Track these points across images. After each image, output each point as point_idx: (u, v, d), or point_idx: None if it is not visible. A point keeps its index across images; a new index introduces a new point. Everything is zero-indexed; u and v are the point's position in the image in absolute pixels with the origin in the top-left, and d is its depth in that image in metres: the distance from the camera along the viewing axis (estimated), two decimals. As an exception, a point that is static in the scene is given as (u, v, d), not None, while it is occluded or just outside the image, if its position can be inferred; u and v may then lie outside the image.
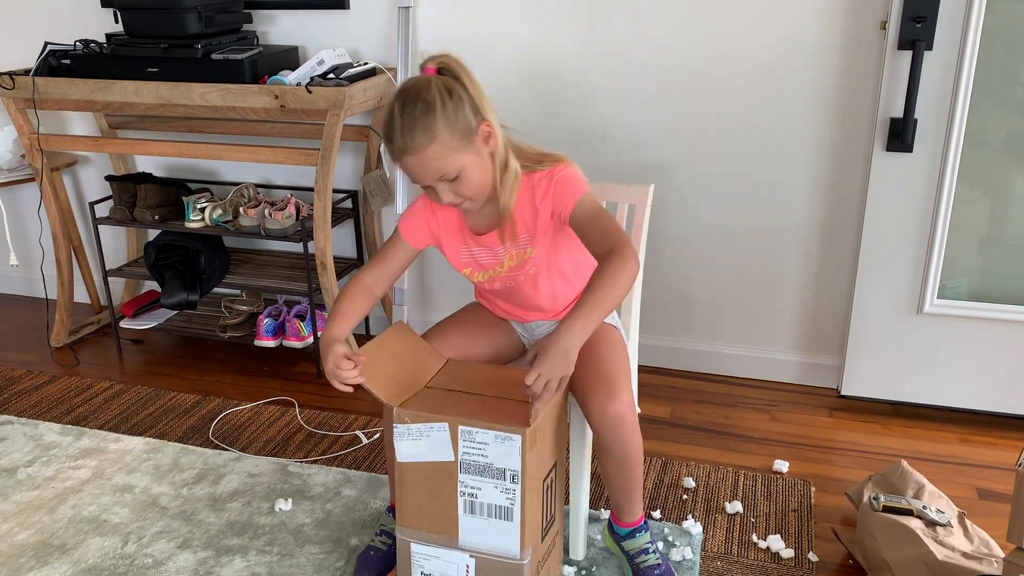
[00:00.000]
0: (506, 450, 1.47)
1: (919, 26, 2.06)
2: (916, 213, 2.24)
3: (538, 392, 1.45)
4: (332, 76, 2.39)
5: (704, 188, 2.49)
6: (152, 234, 2.95)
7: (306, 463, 2.21)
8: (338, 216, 2.70)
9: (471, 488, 1.52)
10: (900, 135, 2.16)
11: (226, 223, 2.63)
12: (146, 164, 3.03)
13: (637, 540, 1.75)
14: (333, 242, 2.74)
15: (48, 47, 2.60)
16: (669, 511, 2.01)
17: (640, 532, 1.76)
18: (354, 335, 2.62)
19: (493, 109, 1.56)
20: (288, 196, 2.68)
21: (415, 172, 1.54)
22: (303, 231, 2.52)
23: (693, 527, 1.93)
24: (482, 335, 1.82)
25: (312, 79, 2.38)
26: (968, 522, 1.78)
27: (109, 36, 2.58)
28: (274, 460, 2.22)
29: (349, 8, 2.61)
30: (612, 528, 1.81)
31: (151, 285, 3.09)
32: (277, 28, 2.71)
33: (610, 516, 1.81)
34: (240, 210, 2.59)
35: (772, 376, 2.62)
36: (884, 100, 2.17)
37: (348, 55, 2.55)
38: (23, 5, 2.91)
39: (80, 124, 3.03)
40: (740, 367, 2.64)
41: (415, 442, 1.53)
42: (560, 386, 1.47)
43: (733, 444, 2.30)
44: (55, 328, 2.93)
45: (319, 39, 2.67)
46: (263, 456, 2.24)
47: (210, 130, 2.79)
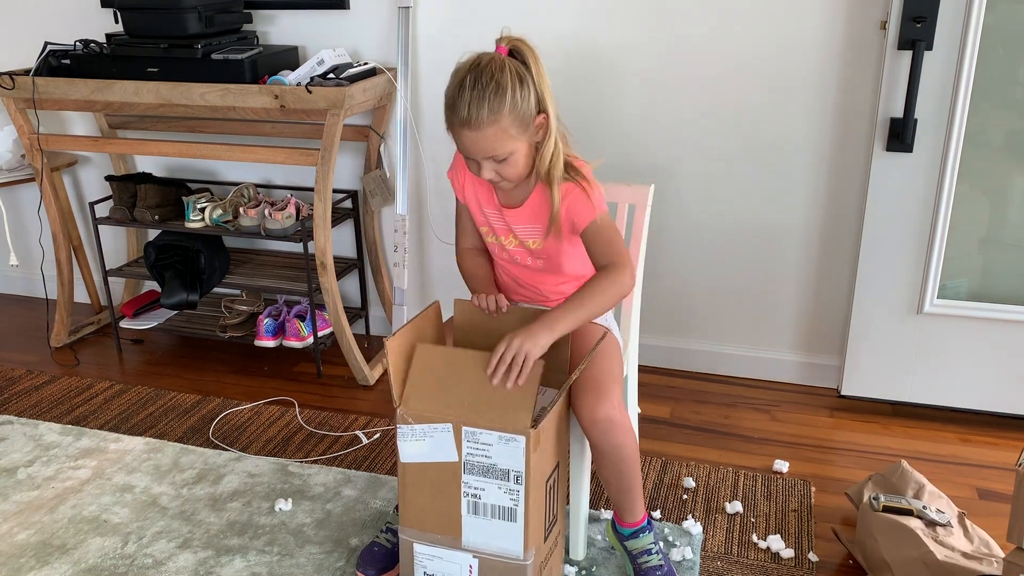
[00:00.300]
0: (510, 451, 1.47)
1: (919, 26, 2.06)
2: (916, 213, 2.24)
3: (502, 371, 1.47)
4: (332, 76, 2.39)
5: (704, 188, 2.49)
6: (152, 234, 2.95)
7: (306, 463, 2.21)
8: (338, 216, 2.70)
9: (475, 489, 1.52)
10: (900, 135, 2.16)
11: (226, 223, 2.63)
12: (146, 164, 3.03)
13: (641, 540, 1.76)
14: (333, 242, 2.73)
15: (48, 47, 2.60)
16: (669, 511, 2.01)
17: (644, 532, 1.76)
18: (354, 335, 2.62)
19: (553, 99, 1.61)
20: (288, 196, 2.68)
21: (468, 146, 1.58)
22: (303, 231, 2.52)
23: (693, 527, 1.93)
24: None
25: (312, 79, 2.38)
26: (968, 522, 1.78)
27: (109, 36, 2.58)
28: (274, 460, 2.22)
29: (349, 8, 2.61)
30: (615, 527, 1.81)
31: (151, 285, 3.09)
32: (277, 28, 2.71)
33: (612, 516, 1.81)
34: (240, 210, 2.59)
35: (772, 376, 2.62)
36: (884, 100, 2.17)
37: (348, 55, 2.55)
38: (23, 5, 2.91)
39: (80, 124, 3.03)
40: (740, 367, 2.64)
41: (419, 443, 1.53)
42: (526, 365, 1.47)
43: (733, 444, 2.30)
44: (55, 328, 2.93)
45: (319, 39, 2.67)
46: (263, 456, 2.24)
47: (210, 130, 2.79)
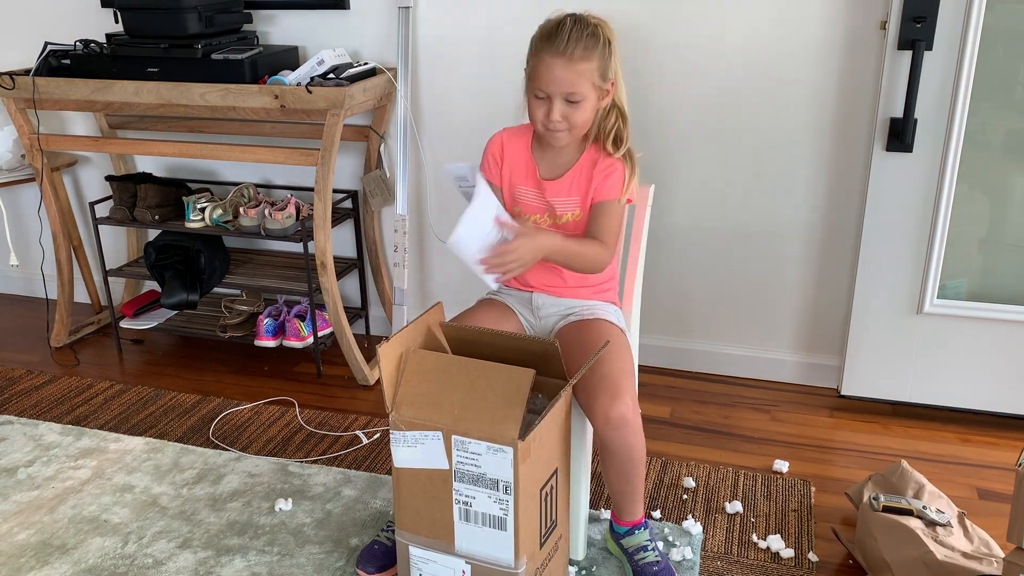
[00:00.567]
0: (498, 461, 1.46)
1: (919, 26, 2.06)
2: (916, 213, 2.24)
3: (497, 260, 1.63)
4: (332, 76, 2.39)
5: (704, 188, 2.49)
6: (152, 234, 2.95)
7: (306, 463, 2.21)
8: (338, 216, 2.70)
9: (465, 497, 1.52)
10: (900, 135, 2.16)
11: (226, 223, 2.63)
12: (146, 164, 3.03)
13: (636, 537, 1.76)
14: (333, 242, 2.73)
15: (48, 47, 2.60)
16: (669, 511, 2.01)
17: (639, 529, 1.77)
18: (354, 335, 2.62)
19: (623, 82, 1.76)
20: (288, 196, 2.68)
21: (556, 75, 1.65)
22: (303, 231, 2.52)
23: (693, 527, 1.93)
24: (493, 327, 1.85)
25: (312, 79, 2.38)
26: (968, 522, 1.78)
27: (109, 36, 2.58)
28: (274, 460, 2.22)
29: (349, 8, 2.60)
30: (612, 528, 1.81)
31: (151, 285, 3.09)
32: (277, 28, 2.71)
33: (611, 517, 1.82)
34: (240, 210, 2.59)
35: (772, 376, 2.62)
36: (884, 100, 2.17)
37: (348, 55, 2.55)
38: (23, 5, 2.91)
39: (80, 124, 3.03)
40: (740, 367, 2.64)
41: (410, 449, 1.53)
42: (514, 267, 1.63)
43: (733, 444, 2.30)
44: (55, 328, 2.93)
45: (319, 39, 2.67)
46: (263, 456, 2.24)
47: (210, 130, 2.79)
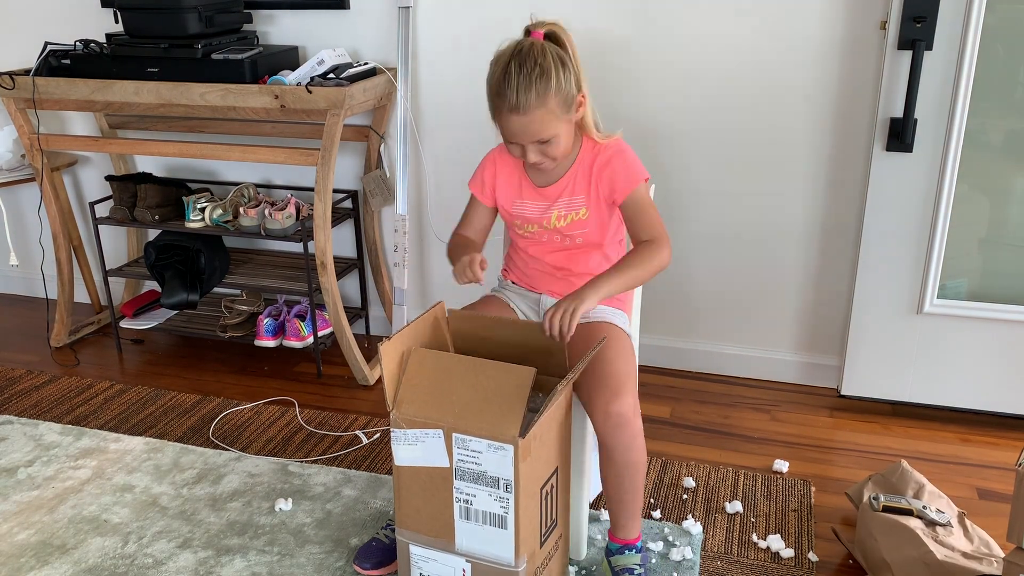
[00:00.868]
0: (499, 459, 1.46)
1: (919, 26, 2.06)
2: (916, 213, 2.24)
3: (556, 325, 1.52)
4: (332, 76, 2.39)
5: (704, 188, 2.49)
6: (152, 234, 2.95)
7: (306, 463, 2.21)
8: (338, 216, 2.70)
9: (466, 495, 1.52)
10: (900, 135, 2.16)
11: (226, 223, 2.63)
12: (146, 164, 3.03)
13: (626, 558, 1.70)
14: (333, 242, 2.74)
15: (48, 47, 2.60)
16: (669, 511, 2.01)
17: (630, 550, 1.71)
18: (354, 335, 2.62)
19: (585, 79, 1.66)
20: (288, 196, 2.68)
21: (516, 130, 1.62)
22: (303, 231, 2.52)
23: (693, 527, 1.93)
24: None
25: (312, 79, 2.38)
26: (968, 522, 1.78)
27: (109, 36, 2.58)
28: (274, 460, 2.22)
29: (349, 8, 2.61)
30: (607, 545, 1.76)
31: (151, 285, 3.09)
32: (277, 28, 2.71)
33: (608, 533, 1.76)
34: (240, 210, 2.59)
35: (772, 376, 2.62)
36: (884, 100, 2.17)
37: (348, 55, 2.55)
38: (23, 5, 2.91)
39: (80, 124, 3.03)
40: (740, 367, 2.64)
41: (411, 447, 1.53)
42: (574, 317, 1.51)
43: (733, 444, 2.30)
44: (55, 328, 2.93)
45: (319, 39, 2.67)
46: (263, 456, 2.24)
47: (210, 130, 2.79)
